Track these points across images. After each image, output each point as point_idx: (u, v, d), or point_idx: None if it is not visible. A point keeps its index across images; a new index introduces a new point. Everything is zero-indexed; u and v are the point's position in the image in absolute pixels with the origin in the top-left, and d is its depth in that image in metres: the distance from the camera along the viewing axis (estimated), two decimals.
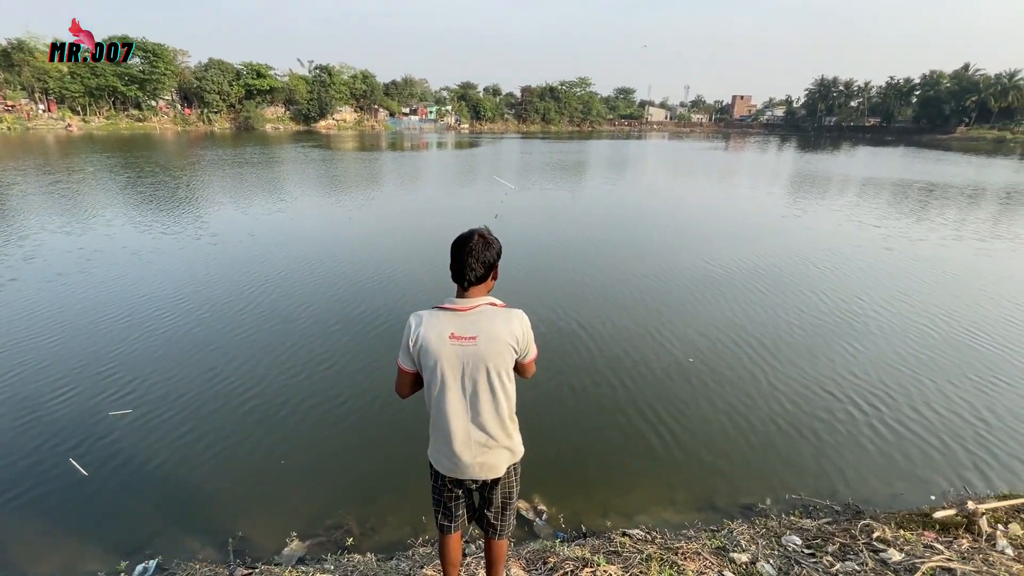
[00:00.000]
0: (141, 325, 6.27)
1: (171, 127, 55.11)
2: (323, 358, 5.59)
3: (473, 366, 1.80)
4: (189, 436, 4.28)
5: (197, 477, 3.86)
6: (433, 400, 1.88)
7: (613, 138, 64.80)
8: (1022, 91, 70.03)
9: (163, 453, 4.07)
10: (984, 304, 7.54)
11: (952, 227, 13.02)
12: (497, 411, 1.85)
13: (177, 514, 3.54)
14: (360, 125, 67.56)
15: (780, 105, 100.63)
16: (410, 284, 8.02)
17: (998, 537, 2.81)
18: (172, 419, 4.48)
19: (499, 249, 1.88)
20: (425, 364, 1.85)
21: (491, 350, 1.79)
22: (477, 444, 1.87)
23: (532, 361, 1.95)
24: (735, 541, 2.94)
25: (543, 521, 3.44)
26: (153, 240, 10.30)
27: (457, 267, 1.82)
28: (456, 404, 1.84)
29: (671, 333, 6.34)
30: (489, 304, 1.84)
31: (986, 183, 22.68)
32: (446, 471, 1.95)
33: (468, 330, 1.79)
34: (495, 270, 1.87)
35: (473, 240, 1.81)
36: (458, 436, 1.86)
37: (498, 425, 1.87)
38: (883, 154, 41.65)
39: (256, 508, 3.60)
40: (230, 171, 22.03)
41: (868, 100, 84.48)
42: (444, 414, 1.86)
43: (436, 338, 1.80)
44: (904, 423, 4.60)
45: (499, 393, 1.84)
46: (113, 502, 3.61)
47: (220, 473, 3.91)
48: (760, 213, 15.44)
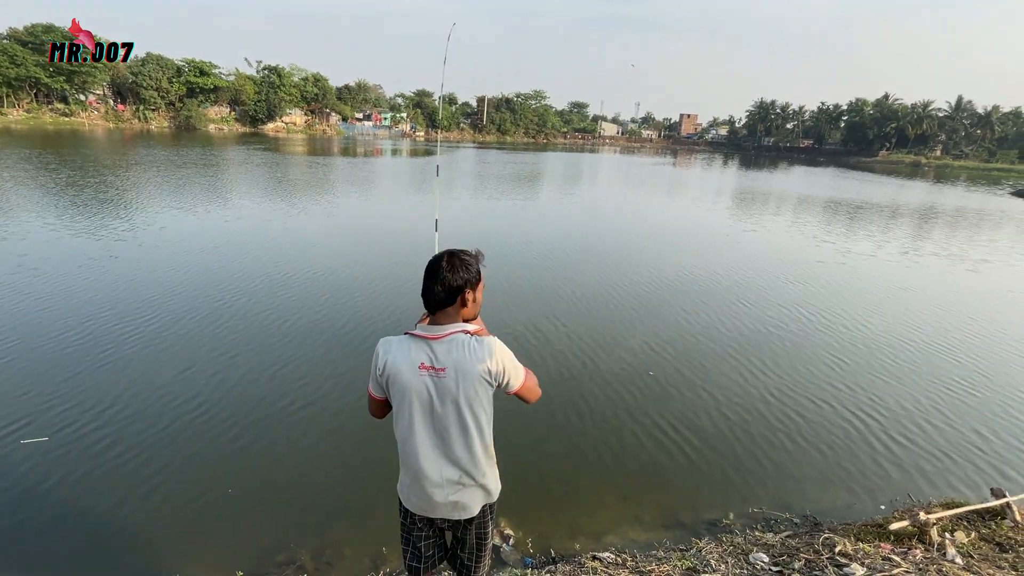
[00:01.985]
0: (54, 342, 5.68)
1: (102, 123, 51.56)
2: (271, 375, 5.25)
3: (442, 400, 1.66)
4: (117, 463, 3.87)
5: (127, 511, 3.47)
6: (401, 434, 1.74)
7: (568, 150, 66.05)
8: (934, 120, 77.11)
9: (86, 484, 3.65)
10: (929, 316, 8.08)
11: (876, 242, 14.01)
12: (469, 448, 1.72)
13: (104, 555, 3.17)
14: (311, 129, 65.67)
15: (724, 125, 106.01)
16: (367, 298, 7.73)
17: (947, 546, 2.93)
18: (97, 445, 4.05)
19: (474, 274, 1.71)
20: (393, 395, 1.71)
21: (462, 384, 1.64)
22: (449, 482, 1.73)
23: (524, 387, 1.78)
24: (705, 561, 2.92)
25: (510, 547, 3.32)
26: (53, 249, 9.45)
27: (425, 291, 1.69)
28: (425, 440, 1.71)
29: (629, 347, 6.39)
30: (461, 332, 1.68)
31: (909, 203, 24.69)
32: (416, 509, 1.81)
33: (439, 361, 1.65)
34: (471, 294, 1.71)
35: (441, 262, 1.67)
36: (428, 474, 1.72)
37: (471, 463, 1.73)
38: (817, 173, 44.56)
39: (197, 544, 3.28)
40: (160, 174, 20.74)
41: (802, 123, 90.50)
42: (413, 449, 1.72)
43: (406, 368, 1.66)
44: (852, 433, 4.79)
45: (471, 429, 1.70)
46: (22, 542, 3.19)
47: (155, 505, 3.54)
48: (711, 227, 16.06)
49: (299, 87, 65.07)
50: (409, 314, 6.99)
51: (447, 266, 1.67)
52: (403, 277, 8.63)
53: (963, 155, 75.72)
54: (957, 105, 77.45)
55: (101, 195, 14.87)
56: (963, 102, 77.31)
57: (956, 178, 48.27)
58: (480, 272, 1.75)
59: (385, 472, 3.71)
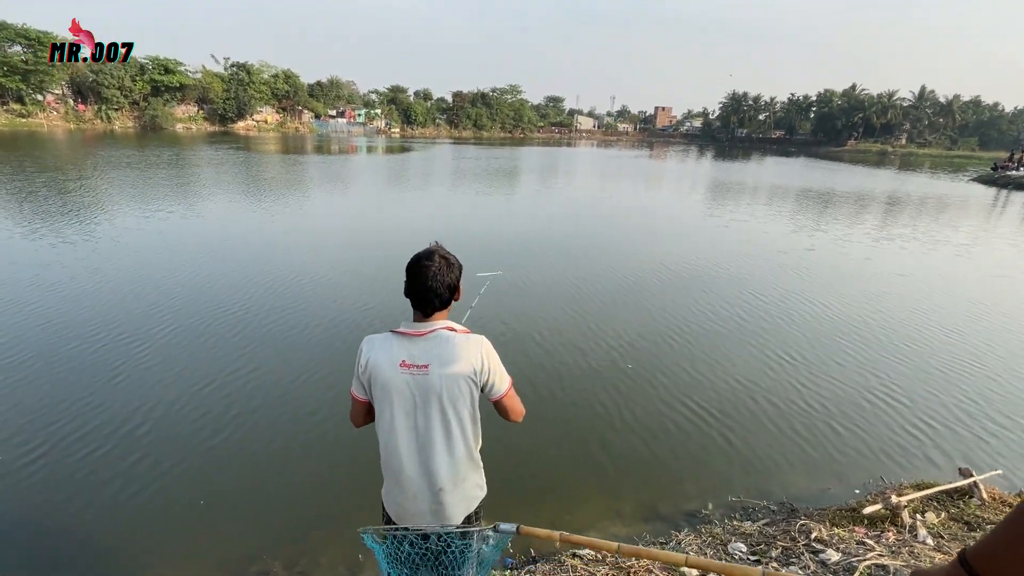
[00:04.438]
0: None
1: (62, 124, 49.63)
2: (239, 377, 5.09)
3: (425, 399, 1.61)
4: (84, 472, 3.70)
5: (92, 520, 3.32)
6: (383, 436, 1.68)
7: (545, 145, 66.07)
8: (898, 110, 79.40)
9: (47, 493, 3.48)
10: (902, 301, 8.28)
11: (843, 230, 14.34)
12: (451, 452, 1.65)
13: (67, 565, 3.02)
14: (283, 127, 64.32)
15: (698, 117, 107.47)
16: (346, 303, 7.57)
17: (919, 527, 2.99)
18: (62, 454, 3.86)
19: (460, 268, 1.71)
20: (374, 394, 1.66)
21: (445, 381, 1.59)
22: (430, 489, 1.67)
23: (508, 397, 1.71)
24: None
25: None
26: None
27: (418, 292, 1.62)
28: (407, 442, 1.64)
29: (608, 338, 6.39)
30: (446, 328, 1.64)
31: (876, 192, 25.35)
32: (396, 517, 1.75)
33: (420, 358, 1.60)
34: (458, 291, 1.70)
35: (434, 263, 1.62)
36: (408, 479, 1.66)
37: (452, 468, 1.67)
38: (788, 163, 45.47)
39: (167, 554, 3.15)
40: (120, 174, 20.06)
41: (774, 114, 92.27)
42: (395, 453, 1.66)
43: (387, 365, 1.60)
44: (825, 417, 4.87)
45: (454, 431, 1.64)
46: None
47: (124, 515, 3.39)
48: (680, 217, 16.22)
49: (269, 84, 63.62)
50: (387, 315, 6.87)
51: (442, 265, 1.63)
52: (383, 279, 8.49)
53: (927, 143, 78.29)
54: (920, 95, 79.92)
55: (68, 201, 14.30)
56: (926, 91, 79.80)
57: (920, 166, 49.78)
58: (461, 264, 1.74)
59: (361, 479, 3.63)
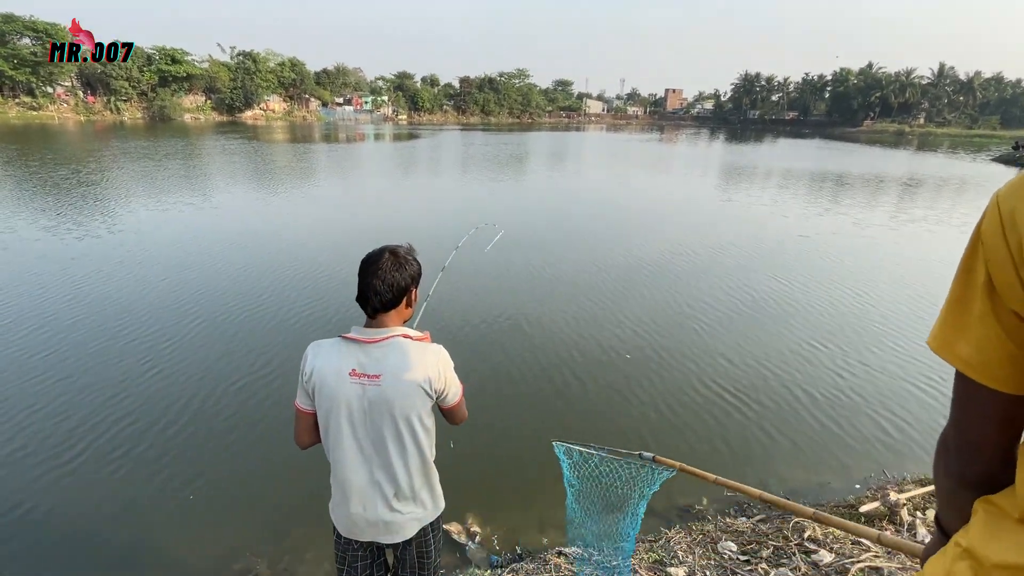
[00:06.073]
0: None
1: (72, 116, 49.97)
2: (226, 375, 5.07)
3: (375, 411, 1.51)
4: (65, 470, 3.70)
5: (75, 519, 3.32)
6: (330, 449, 1.60)
7: (554, 130, 65.31)
8: (917, 88, 77.12)
9: (28, 493, 3.49)
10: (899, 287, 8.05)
11: (860, 213, 13.99)
12: (406, 465, 1.57)
13: (48, 565, 3.03)
14: (291, 116, 64.27)
15: (709, 99, 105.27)
16: (343, 300, 7.53)
17: (918, 526, 2.87)
18: (45, 451, 3.88)
19: (416, 271, 1.60)
20: (320, 405, 1.56)
21: (397, 393, 1.50)
22: (381, 503, 1.58)
23: (458, 405, 1.67)
24: (672, 552, 2.85)
25: (476, 544, 3.22)
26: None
27: (362, 289, 1.53)
28: (354, 455, 1.56)
29: (604, 328, 6.28)
30: (401, 336, 1.54)
31: (893, 174, 24.71)
32: (345, 532, 1.68)
33: (371, 367, 1.50)
34: (410, 295, 1.59)
35: (383, 259, 1.53)
36: (357, 493, 1.58)
37: (406, 481, 1.58)
38: (803, 145, 44.49)
39: (150, 553, 3.15)
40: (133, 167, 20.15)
41: (787, 95, 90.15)
42: (341, 466, 1.58)
43: (333, 374, 1.51)
44: (827, 410, 4.74)
45: (407, 444, 1.56)
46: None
47: (106, 513, 3.39)
48: (701, 201, 15.93)
49: (275, 72, 63.38)
50: None
51: (392, 264, 1.53)
52: None
53: (946, 122, 76.07)
54: (940, 72, 77.50)
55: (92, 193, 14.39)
56: (945, 69, 77.36)
57: (939, 146, 48.44)
58: (420, 267, 1.63)
59: None
